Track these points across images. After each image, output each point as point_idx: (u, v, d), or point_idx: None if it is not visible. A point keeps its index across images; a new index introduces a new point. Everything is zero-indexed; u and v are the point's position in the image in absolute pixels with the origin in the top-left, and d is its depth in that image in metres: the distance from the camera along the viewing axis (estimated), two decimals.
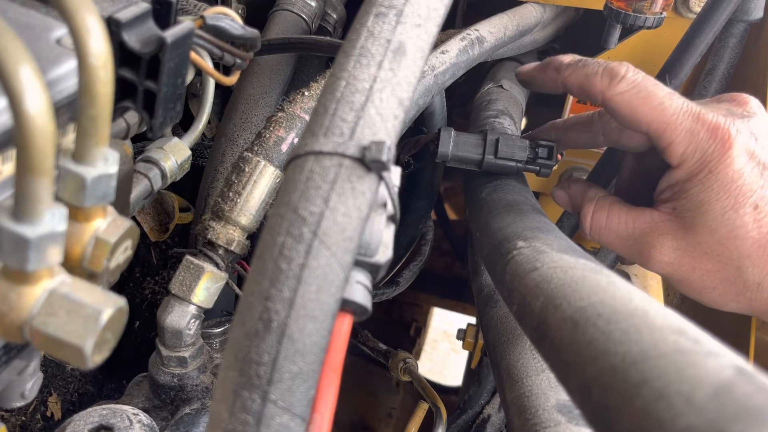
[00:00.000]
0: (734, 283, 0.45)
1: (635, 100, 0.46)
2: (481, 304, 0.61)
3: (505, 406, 0.50)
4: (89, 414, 0.46)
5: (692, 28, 0.59)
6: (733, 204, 0.44)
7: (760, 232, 0.44)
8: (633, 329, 0.28)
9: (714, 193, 0.44)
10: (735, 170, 0.44)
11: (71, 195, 0.28)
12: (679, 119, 0.45)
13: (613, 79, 0.46)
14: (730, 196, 0.44)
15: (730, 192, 0.44)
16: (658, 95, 0.45)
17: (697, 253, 0.46)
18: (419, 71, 0.34)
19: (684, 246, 0.46)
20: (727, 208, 0.44)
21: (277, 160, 0.51)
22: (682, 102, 0.45)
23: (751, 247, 0.44)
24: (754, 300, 0.45)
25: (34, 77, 0.24)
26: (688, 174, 0.45)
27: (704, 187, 0.45)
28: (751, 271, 0.44)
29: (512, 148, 0.54)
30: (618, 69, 0.47)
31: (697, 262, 0.46)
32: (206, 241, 0.51)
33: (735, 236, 0.44)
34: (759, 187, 0.44)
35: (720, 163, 0.44)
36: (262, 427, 0.25)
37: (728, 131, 0.44)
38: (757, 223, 0.44)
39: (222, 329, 0.58)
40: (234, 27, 0.42)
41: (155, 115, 0.34)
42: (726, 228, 0.44)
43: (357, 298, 0.29)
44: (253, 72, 0.64)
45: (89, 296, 0.28)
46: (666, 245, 0.47)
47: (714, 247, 0.45)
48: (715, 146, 0.44)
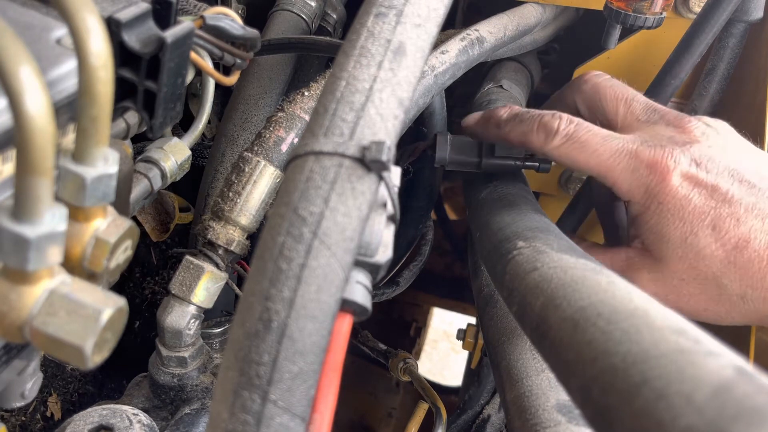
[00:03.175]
0: (720, 301, 0.46)
1: (572, 152, 0.47)
2: (481, 304, 0.61)
3: (505, 406, 0.50)
4: (89, 414, 0.46)
5: (692, 28, 0.59)
6: (691, 229, 0.45)
7: (725, 249, 0.44)
8: (633, 329, 0.28)
9: (669, 222, 0.45)
10: (680, 197, 0.45)
11: (71, 195, 0.28)
12: (616, 161, 0.46)
13: (548, 136, 0.48)
14: (685, 222, 0.45)
15: (684, 219, 0.45)
16: (591, 143, 0.47)
17: (675, 282, 0.47)
18: (419, 71, 0.34)
19: (660, 277, 0.47)
20: (686, 234, 0.45)
21: (277, 160, 0.51)
22: (618, 143, 0.47)
23: (721, 265, 0.45)
24: (746, 313, 0.46)
25: (34, 77, 0.24)
26: (640, 208, 0.47)
27: (659, 218, 0.46)
28: (730, 287, 0.45)
29: (509, 147, 0.54)
30: (551, 124, 0.48)
31: (678, 289, 0.47)
32: (206, 241, 0.51)
33: (702, 257, 0.45)
34: (710, 209, 0.44)
35: (664, 194, 0.45)
36: (262, 427, 0.25)
37: (665, 164, 0.45)
38: (719, 242, 0.44)
39: (222, 329, 0.58)
40: (234, 27, 0.42)
41: (155, 115, 0.34)
42: (692, 252, 0.45)
43: (357, 298, 0.29)
44: (253, 72, 0.64)
45: (89, 296, 0.28)
46: (644, 278, 0.48)
47: (688, 272, 0.46)
48: (656, 179, 0.45)
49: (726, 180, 0.45)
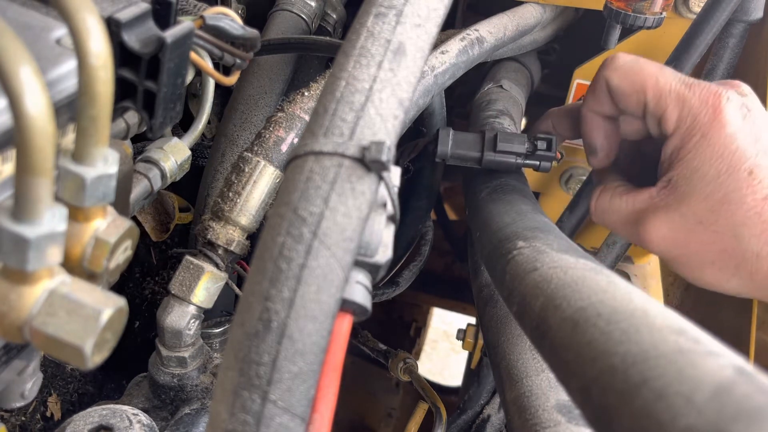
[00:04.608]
0: (732, 254, 0.45)
1: (631, 73, 0.48)
2: (481, 304, 0.61)
3: (505, 406, 0.50)
4: (89, 414, 0.46)
5: (692, 28, 0.59)
6: (727, 168, 0.44)
7: (755, 198, 0.44)
8: (633, 329, 0.28)
9: (708, 157, 0.45)
10: (727, 134, 0.45)
11: (71, 195, 0.28)
12: (672, 87, 0.47)
13: (612, 61, 0.50)
14: (724, 160, 0.44)
15: (724, 157, 0.45)
16: (651, 68, 0.48)
17: (692, 224, 0.46)
18: (419, 71, 0.34)
19: (678, 218, 0.47)
20: (721, 171, 0.45)
21: (277, 160, 0.51)
22: (675, 73, 0.48)
23: (746, 214, 0.44)
24: (755, 273, 0.45)
25: (34, 77, 0.24)
26: (682, 140, 0.46)
27: (698, 152, 0.45)
28: (748, 240, 0.44)
29: (511, 142, 0.54)
30: (614, 55, 0.50)
31: (692, 234, 0.46)
32: (206, 241, 0.51)
33: (729, 201, 0.44)
34: (753, 155, 0.44)
35: (712, 128, 0.45)
36: (262, 427, 0.25)
37: (719, 97, 0.45)
38: (751, 188, 0.44)
39: (222, 329, 0.58)
40: (234, 27, 0.42)
41: (155, 115, 0.34)
42: (720, 192, 0.44)
43: (357, 298, 0.29)
44: (253, 72, 0.64)
45: (89, 296, 0.28)
46: (660, 219, 0.47)
47: (708, 215, 0.45)
48: (707, 111, 0.45)
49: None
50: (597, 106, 0.52)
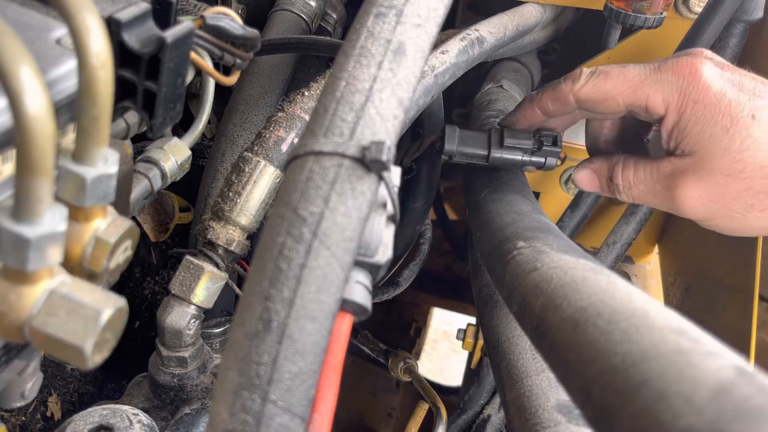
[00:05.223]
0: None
1: (599, 84, 0.50)
2: (481, 304, 0.61)
3: (505, 406, 0.50)
4: (89, 414, 0.46)
5: (692, 28, 0.59)
6: (731, 120, 0.46)
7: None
8: (633, 329, 0.28)
9: (708, 118, 0.46)
10: (716, 92, 0.46)
11: (71, 195, 0.28)
12: (642, 76, 0.48)
13: (574, 79, 0.51)
14: (724, 115, 0.46)
15: (722, 111, 0.46)
16: (614, 71, 0.49)
17: (721, 179, 0.47)
18: (419, 71, 0.33)
19: (706, 177, 0.47)
20: (727, 125, 0.46)
21: (277, 160, 0.51)
22: (640, 65, 0.49)
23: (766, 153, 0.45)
24: None
25: (34, 77, 0.24)
26: (677, 114, 0.48)
27: (698, 117, 0.47)
28: None
29: (517, 137, 0.54)
30: (575, 72, 0.52)
31: (724, 188, 0.47)
32: (206, 241, 0.51)
33: (747, 147, 0.45)
34: (746, 101, 0.46)
35: (699, 92, 0.46)
36: (262, 427, 0.25)
37: (692, 64, 0.47)
38: (763, 128, 0.45)
39: (222, 329, 0.58)
40: (234, 27, 0.42)
41: (155, 115, 0.34)
42: (736, 142, 0.46)
43: (357, 298, 0.29)
44: (253, 72, 0.64)
45: (89, 296, 0.28)
46: (690, 180, 0.48)
47: (733, 165, 0.46)
48: (687, 80, 0.47)
49: (749, 80, 0.47)
50: (563, 112, 0.54)
